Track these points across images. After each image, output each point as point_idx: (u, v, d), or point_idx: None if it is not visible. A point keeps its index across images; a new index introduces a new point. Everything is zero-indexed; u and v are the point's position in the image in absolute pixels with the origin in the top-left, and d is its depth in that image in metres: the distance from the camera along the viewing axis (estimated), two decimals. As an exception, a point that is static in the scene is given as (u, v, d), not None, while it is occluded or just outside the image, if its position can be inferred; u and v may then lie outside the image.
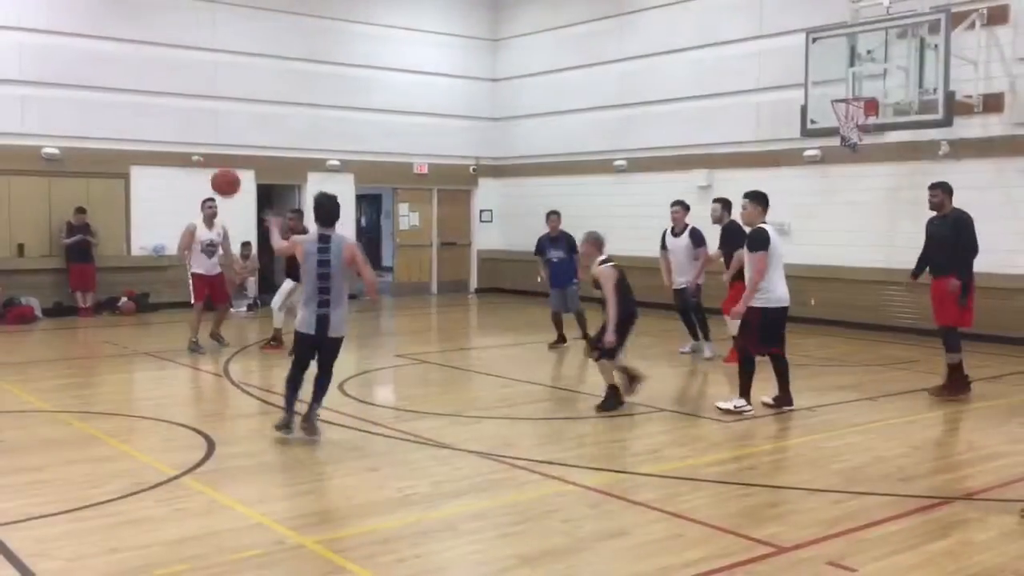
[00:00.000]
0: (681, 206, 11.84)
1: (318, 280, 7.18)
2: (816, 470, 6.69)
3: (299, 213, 12.44)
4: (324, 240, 7.36)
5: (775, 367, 8.54)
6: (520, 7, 20.37)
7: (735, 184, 15.81)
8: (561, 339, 12.40)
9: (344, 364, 11.58)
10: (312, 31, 18.54)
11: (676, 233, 11.73)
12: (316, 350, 7.37)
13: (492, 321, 15.96)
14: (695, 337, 11.76)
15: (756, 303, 8.24)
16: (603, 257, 8.68)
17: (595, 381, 9.82)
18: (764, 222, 8.47)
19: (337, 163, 18.86)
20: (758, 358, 8.40)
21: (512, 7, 20.55)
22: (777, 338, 8.41)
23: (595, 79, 18.65)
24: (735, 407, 8.35)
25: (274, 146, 18.04)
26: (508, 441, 7.43)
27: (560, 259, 12.44)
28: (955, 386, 9.12)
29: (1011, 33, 12.63)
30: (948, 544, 5.07)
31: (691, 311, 11.68)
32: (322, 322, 7.18)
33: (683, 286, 11.57)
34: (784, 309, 8.38)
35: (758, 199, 8.63)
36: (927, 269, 9.42)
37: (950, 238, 9.05)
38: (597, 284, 8.58)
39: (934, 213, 9.34)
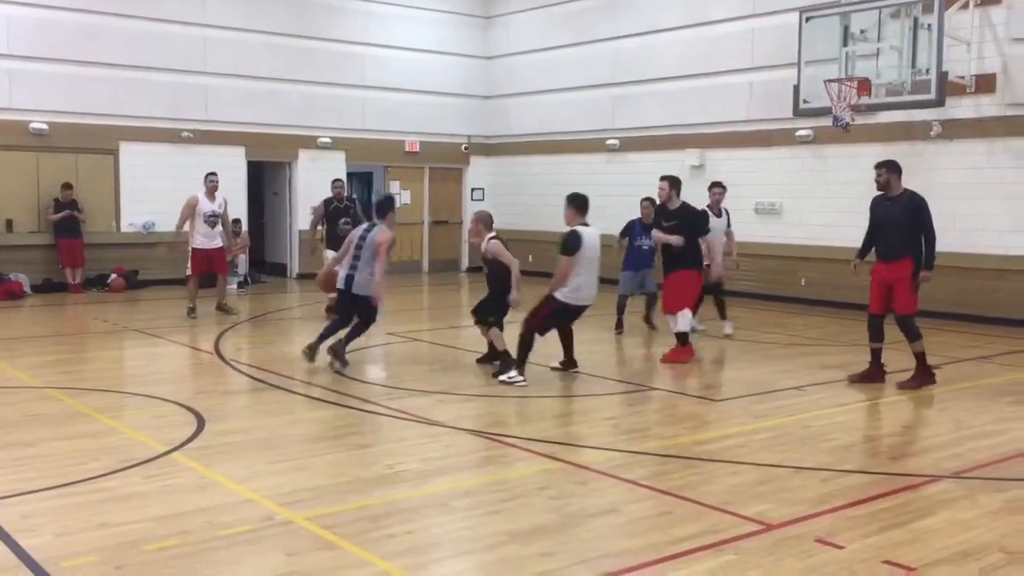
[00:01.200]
0: (720, 187, 11.84)
1: (353, 250, 9.29)
2: (805, 448, 6.71)
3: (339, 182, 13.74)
4: (369, 228, 9.46)
5: (560, 334, 9.09)
6: (513, -16, 20.25)
7: (728, 164, 15.91)
8: (621, 324, 12.05)
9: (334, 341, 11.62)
10: (303, 7, 18.41)
11: (716, 214, 11.64)
12: (349, 303, 9.32)
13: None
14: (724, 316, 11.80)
15: (561, 297, 8.61)
16: (492, 234, 9.22)
17: (587, 360, 9.85)
18: (584, 224, 8.67)
19: (328, 140, 18.77)
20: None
21: (505, -16, 20.43)
22: (555, 327, 8.92)
23: (587, 57, 18.58)
24: (508, 379, 8.58)
25: (265, 123, 17.94)
26: (498, 419, 7.44)
27: (649, 247, 11.95)
28: (924, 376, 8.71)
29: (1005, 13, 12.60)
30: (935, 522, 5.10)
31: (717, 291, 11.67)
32: (347, 281, 9.23)
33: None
34: (585, 307, 8.80)
35: (574, 202, 8.81)
36: (872, 251, 8.93)
37: (902, 221, 8.49)
38: (486, 260, 9.24)
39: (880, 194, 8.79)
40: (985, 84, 12.75)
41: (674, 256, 9.98)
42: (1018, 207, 12.58)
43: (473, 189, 21.07)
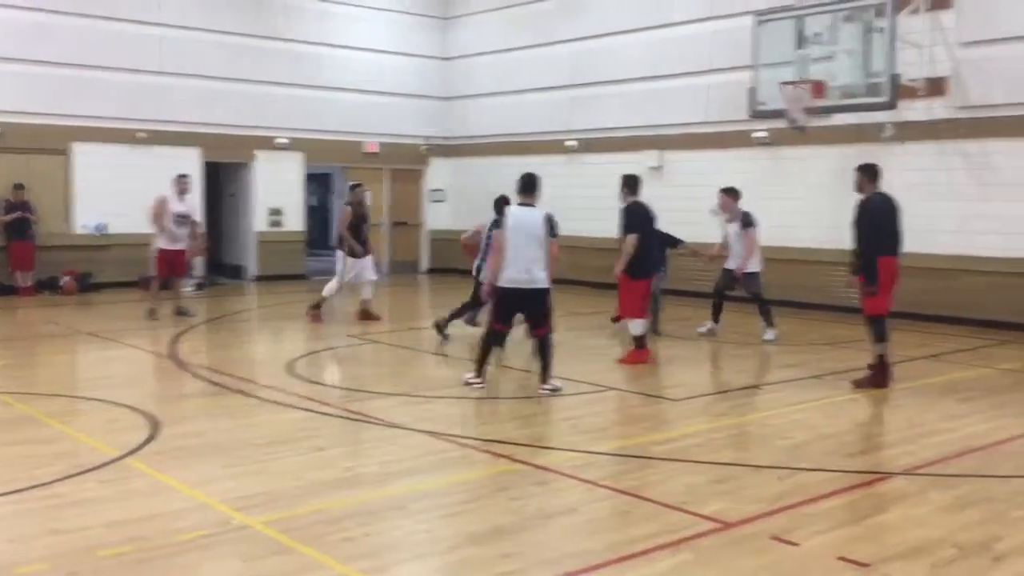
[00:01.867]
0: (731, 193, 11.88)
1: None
2: (762, 447, 6.79)
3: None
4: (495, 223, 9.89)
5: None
6: (472, -15, 20.25)
7: (686, 165, 16.04)
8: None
9: (294, 344, 11.56)
10: (260, 7, 18.25)
11: (730, 219, 11.72)
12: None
13: (443, 301, 15.83)
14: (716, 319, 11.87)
15: (498, 283, 8.43)
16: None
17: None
18: (527, 204, 8.50)
19: (286, 141, 18.62)
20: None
21: (464, -15, 20.42)
22: (507, 316, 8.47)
23: (546, 59, 18.62)
24: (467, 381, 8.48)
25: (221, 123, 17.73)
26: (458, 421, 7.43)
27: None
28: (878, 377, 8.70)
29: (955, 18, 12.84)
30: (889, 518, 5.18)
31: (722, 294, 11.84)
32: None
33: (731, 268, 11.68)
34: (515, 290, 8.30)
35: (518, 182, 8.75)
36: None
37: (856, 224, 8.69)
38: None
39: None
40: (936, 87, 12.97)
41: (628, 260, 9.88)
42: (968, 208, 12.82)
43: (433, 190, 21.03)
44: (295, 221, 19.17)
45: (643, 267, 9.91)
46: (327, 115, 19.05)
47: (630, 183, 10.19)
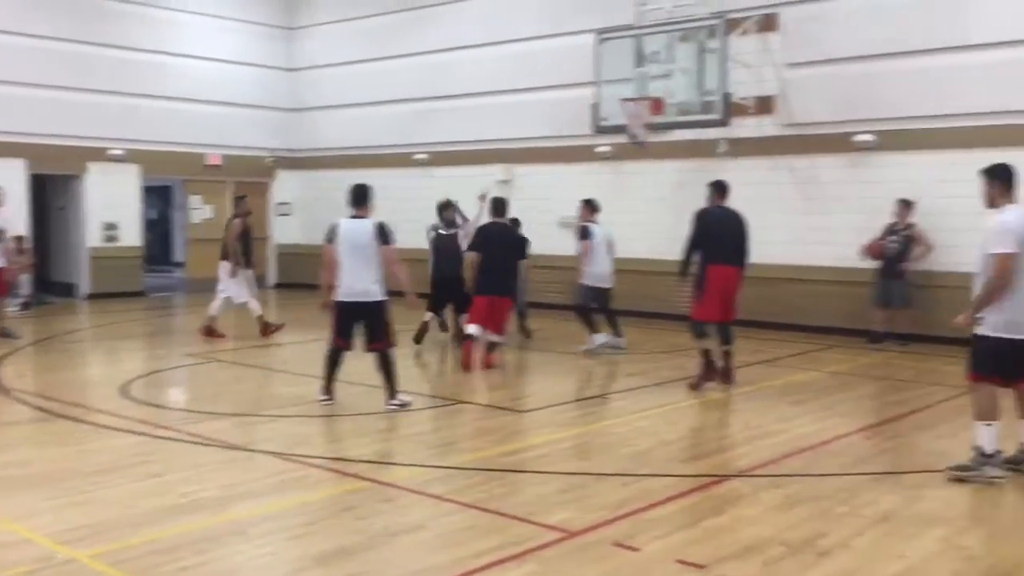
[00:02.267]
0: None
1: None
2: (606, 455, 6.94)
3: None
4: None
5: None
6: (317, -4, 19.97)
7: (533, 179, 16.27)
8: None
9: (130, 364, 11.04)
10: (92, 13, 17.40)
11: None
12: None
13: (290, 316, 15.50)
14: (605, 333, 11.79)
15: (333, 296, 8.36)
16: None
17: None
18: (357, 216, 8.49)
19: (120, 152, 17.80)
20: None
21: (309, -5, 20.11)
22: (346, 331, 8.35)
23: (394, 72, 18.54)
24: (319, 399, 8.39)
25: (49, 133, 16.77)
26: (302, 440, 7.25)
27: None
28: (706, 374, 9.26)
29: (781, 40, 13.55)
30: (724, 520, 5.38)
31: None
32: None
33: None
34: (350, 304, 8.25)
35: (348, 194, 8.66)
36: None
37: None
38: None
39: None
40: (765, 106, 13.66)
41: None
42: (797, 220, 13.54)
43: (280, 203, 20.55)
44: (132, 236, 18.33)
45: (483, 283, 10.34)
46: (165, 126, 18.33)
47: (496, 206, 10.85)
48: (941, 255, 12.26)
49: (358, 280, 8.17)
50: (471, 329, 10.39)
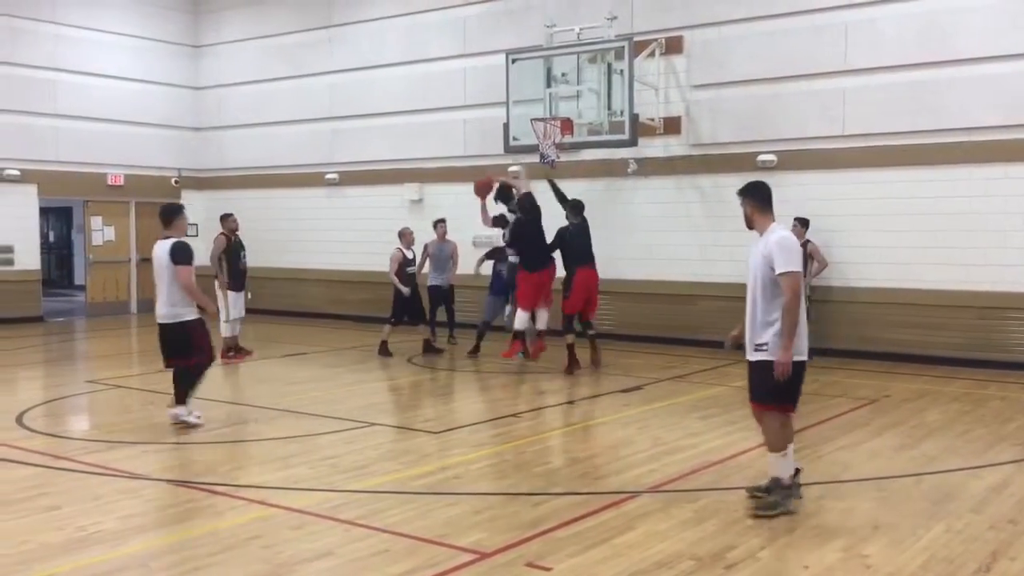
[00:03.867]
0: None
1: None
2: (519, 474, 6.94)
3: None
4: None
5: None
6: (223, 13, 19.61)
7: (446, 198, 16.25)
8: (477, 349, 12.67)
9: (26, 393, 10.62)
10: (-16, 27, 16.79)
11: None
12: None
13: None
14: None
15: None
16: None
17: (304, 398, 9.67)
18: (166, 236, 8.42)
19: (16, 173, 17.17)
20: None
21: (215, 12, 19.74)
22: (164, 353, 8.46)
23: (305, 90, 18.34)
24: (187, 419, 8.34)
25: (-61, 153, 16.11)
26: (208, 467, 7.07)
27: (513, 267, 12.37)
28: (570, 364, 11.31)
29: (686, 62, 13.88)
30: (635, 536, 5.42)
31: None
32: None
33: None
34: (162, 325, 8.36)
35: (169, 212, 8.52)
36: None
37: None
38: None
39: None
40: (672, 126, 13.96)
41: None
42: (704, 238, 13.82)
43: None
44: (29, 259, 17.66)
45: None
46: (64, 145, 17.77)
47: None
48: (839, 271, 12.68)
49: (161, 302, 8.35)
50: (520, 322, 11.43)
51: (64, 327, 17.47)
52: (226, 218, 12.77)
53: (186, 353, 8.32)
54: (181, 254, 8.21)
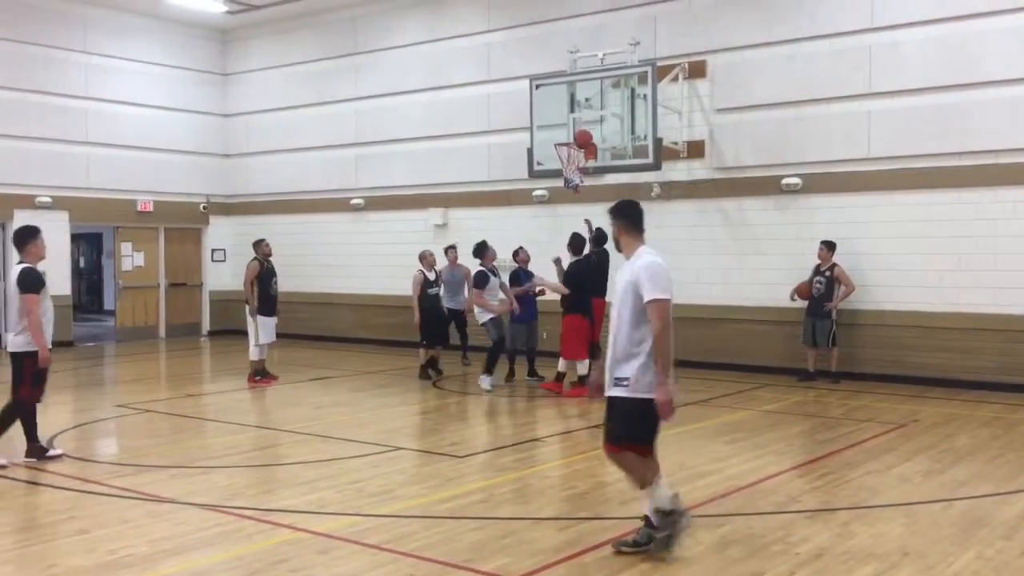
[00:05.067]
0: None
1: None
2: (544, 499, 6.93)
3: None
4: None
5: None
6: (250, 42, 19.91)
7: (470, 222, 16.35)
8: (512, 373, 12.83)
9: (57, 417, 10.74)
10: (20, 58, 17.10)
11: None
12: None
13: (225, 365, 15.29)
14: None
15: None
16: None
17: (330, 422, 9.71)
18: (21, 262, 8.05)
19: (48, 200, 17.44)
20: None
21: (243, 41, 20.04)
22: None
23: (330, 117, 18.55)
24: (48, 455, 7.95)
25: (-28, 180, 16.40)
26: (236, 491, 7.12)
27: (535, 294, 12.77)
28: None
29: (709, 86, 13.92)
30: (661, 562, 5.39)
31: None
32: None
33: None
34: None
35: (20, 235, 8.06)
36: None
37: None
38: None
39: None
40: (695, 150, 13.98)
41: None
42: (728, 261, 13.80)
43: (214, 250, 20.27)
44: (60, 284, 17.86)
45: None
46: (95, 172, 18.06)
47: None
48: (867, 294, 12.61)
49: (8, 328, 7.90)
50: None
51: (94, 351, 17.67)
52: (259, 244, 12.91)
53: (14, 385, 7.86)
54: (27, 281, 7.72)
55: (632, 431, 5.34)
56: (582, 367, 11.64)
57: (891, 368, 12.49)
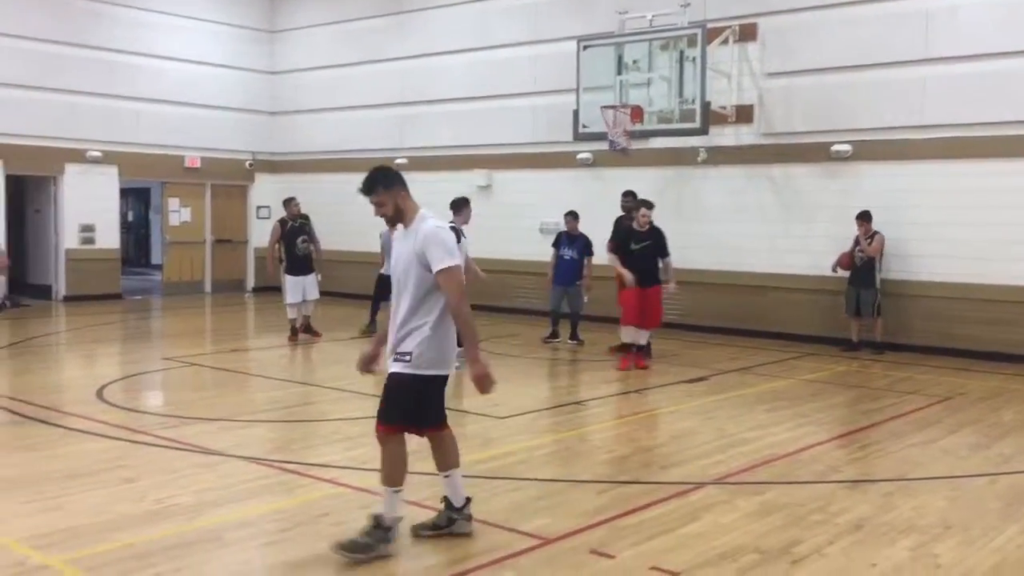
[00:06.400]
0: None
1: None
2: (584, 461, 6.96)
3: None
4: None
5: None
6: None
7: (514, 184, 16.30)
8: (554, 335, 12.90)
9: (105, 368, 10.98)
10: (71, 13, 17.28)
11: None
12: None
13: (269, 321, 15.48)
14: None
15: None
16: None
17: (371, 380, 9.79)
18: None
19: (99, 154, 17.69)
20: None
21: (290, -1, 20.06)
22: None
23: (375, 76, 18.53)
24: None
25: (24, 134, 16.66)
26: (279, 445, 7.24)
27: (572, 258, 12.69)
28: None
29: (759, 49, 13.66)
30: (699, 526, 5.41)
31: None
32: None
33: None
34: None
35: None
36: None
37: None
38: None
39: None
40: (744, 114, 13.76)
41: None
42: (775, 228, 13.63)
43: (259, 207, 20.44)
44: (109, 238, 18.20)
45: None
46: (144, 128, 18.24)
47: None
48: (915, 264, 12.40)
49: None
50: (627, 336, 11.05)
51: (141, 305, 17.99)
52: (288, 202, 12.95)
53: None
54: None
55: (408, 411, 4.92)
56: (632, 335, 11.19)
57: (937, 340, 12.30)
